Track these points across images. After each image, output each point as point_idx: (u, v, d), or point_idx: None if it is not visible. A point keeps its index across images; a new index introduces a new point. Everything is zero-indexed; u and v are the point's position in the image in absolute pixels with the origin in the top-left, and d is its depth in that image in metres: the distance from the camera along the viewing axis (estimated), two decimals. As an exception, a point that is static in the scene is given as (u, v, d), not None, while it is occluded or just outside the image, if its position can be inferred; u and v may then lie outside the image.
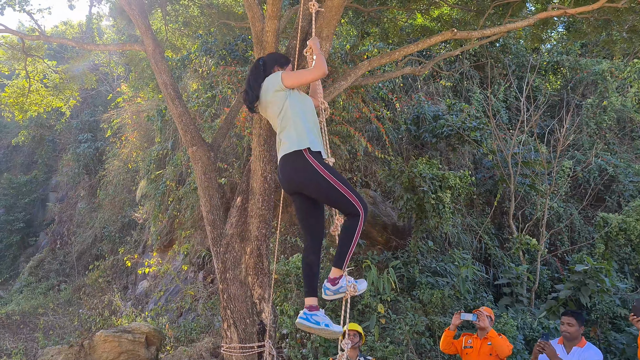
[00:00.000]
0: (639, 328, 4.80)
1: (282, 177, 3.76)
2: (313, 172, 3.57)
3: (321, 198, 3.71)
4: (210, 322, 10.37)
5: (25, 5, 9.24)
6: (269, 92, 3.81)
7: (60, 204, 23.76)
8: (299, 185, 3.67)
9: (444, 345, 6.07)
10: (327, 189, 3.57)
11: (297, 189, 3.71)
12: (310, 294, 3.73)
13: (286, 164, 3.66)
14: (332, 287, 3.61)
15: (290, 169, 3.63)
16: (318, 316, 3.60)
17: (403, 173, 9.85)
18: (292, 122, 3.69)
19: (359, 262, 10.04)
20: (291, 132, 3.66)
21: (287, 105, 3.72)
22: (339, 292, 3.63)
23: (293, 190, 3.77)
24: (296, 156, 3.60)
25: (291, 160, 3.62)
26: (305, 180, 3.60)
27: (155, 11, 10.59)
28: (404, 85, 14.07)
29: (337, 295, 3.65)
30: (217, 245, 5.86)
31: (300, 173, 3.60)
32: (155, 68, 6.76)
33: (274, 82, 3.80)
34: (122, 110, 17.98)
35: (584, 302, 9.07)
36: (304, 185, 3.64)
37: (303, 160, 3.59)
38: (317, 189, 3.60)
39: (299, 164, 3.60)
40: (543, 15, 6.53)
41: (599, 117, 15.32)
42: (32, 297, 17.28)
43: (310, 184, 3.60)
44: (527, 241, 10.30)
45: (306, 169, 3.58)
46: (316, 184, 3.58)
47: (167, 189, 13.35)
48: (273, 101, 3.78)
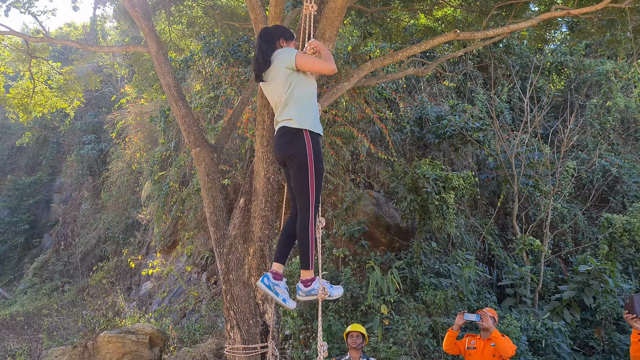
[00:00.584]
0: (632, 325, 4.73)
1: (276, 145, 3.84)
2: (302, 151, 3.64)
3: (293, 177, 3.74)
4: (213, 323, 10.38)
5: (30, 6, 9.28)
6: (280, 65, 3.78)
7: (64, 205, 23.84)
8: (286, 157, 3.73)
9: (447, 346, 6.07)
10: (302, 172, 3.64)
11: (285, 160, 3.78)
12: (279, 260, 3.86)
13: (284, 136, 3.72)
14: (304, 289, 3.65)
15: (285, 141, 3.70)
16: (279, 287, 3.74)
17: (406, 174, 9.84)
18: (299, 100, 3.75)
19: (362, 263, 10.03)
20: (296, 109, 3.72)
21: (295, 84, 3.76)
22: (311, 294, 3.66)
23: (282, 161, 3.85)
24: (296, 132, 3.68)
25: (290, 133, 3.68)
26: (293, 155, 3.67)
27: (158, 12, 10.62)
28: (407, 86, 14.07)
29: (309, 297, 3.69)
30: (220, 247, 5.88)
31: (291, 147, 3.66)
32: (158, 69, 6.78)
33: (287, 58, 3.77)
34: (125, 112, 18.04)
35: (588, 303, 9.04)
36: (289, 159, 3.70)
37: (300, 137, 3.67)
38: (296, 166, 3.67)
39: (296, 139, 3.67)
40: (547, 15, 6.52)
41: (602, 118, 15.27)
42: (36, 298, 17.34)
43: (294, 159, 3.67)
44: (531, 242, 10.28)
45: (299, 145, 3.65)
46: (297, 162, 3.65)
47: (170, 190, 13.38)
48: (282, 76, 3.78)
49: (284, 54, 3.79)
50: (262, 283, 3.73)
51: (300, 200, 3.69)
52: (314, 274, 3.72)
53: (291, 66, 3.73)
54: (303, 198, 3.66)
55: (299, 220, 3.67)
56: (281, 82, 3.76)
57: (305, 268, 3.66)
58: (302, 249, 3.63)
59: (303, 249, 3.62)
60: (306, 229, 3.61)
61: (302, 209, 3.68)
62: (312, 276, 3.68)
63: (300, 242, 3.64)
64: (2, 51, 10.34)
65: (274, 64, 3.81)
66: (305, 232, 3.61)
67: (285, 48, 3.90)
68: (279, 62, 3.79)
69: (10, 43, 10.12)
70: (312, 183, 3.63)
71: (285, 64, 3.74)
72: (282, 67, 3.75)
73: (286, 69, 3.74)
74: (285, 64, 3.74)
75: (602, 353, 8.92)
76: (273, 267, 3.84)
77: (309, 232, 3.61)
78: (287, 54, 3.78)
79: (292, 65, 3.73)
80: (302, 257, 3.65)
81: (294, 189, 3.74)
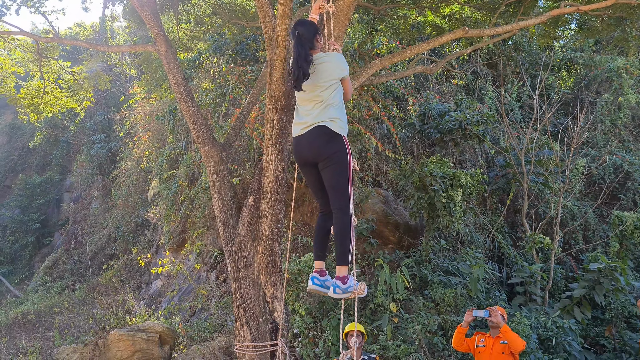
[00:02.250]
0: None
1: (307, 145, 3.81)
2: (344, 153, 3.72)
3: (331, 177, 3.76)
4: (223, 321, 10.42)
5: (40, 6, 9.35)
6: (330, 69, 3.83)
7: (75, 205, 24.02)
8: (322, 156, 3.75)
9: (456, 343, 6.06)
10: (342, 173, 3.70)
11: (318, 159, 3.79)
12: (320, 258, 3.94)
13: (322, 135, 3.74)
14: (343, 286, 3.66)
15: (324, 141, 3.73)
16: (328, 281, 3.80)
17: (414, 172, 9.82)
18: (341, 105, 3.85)
19: (370, 261, 10.03)
20: (339, 113, 3.80)
21: (338, 89, 3.87)
22: (347, 292, 3.68)
23: (312, 160, 3.85)
24: (336, 135, 3.75)
25: (330, 134, 3.73)
26: (332, 155, 3.71)
27: (167, 11, 10.66)
28: (416, 84, 14.03)
29: (345, 295, 3.69)
30: (229, 245, 5.89)
31: (331, 147, 3.71)
32: (167, 69, 6.81)
33: (341, 66, 3.86)
34: (134, 111, 18.13)
35: (599, 301, 8.99)
36: (329, 159, 3.73)
37: (340, 140, 3.75)
38: (335, 167, 3.71)
39: (336, 141, 3.74)
40: (556, 12, 6.48)
41: (613, 115, 15.14)
42: (47, 296, 17.49)
43: (333, 159, 3.71)
44: (541, 240, 10.23)
45: (339, 147, 3.73)
46: (337, 163, 3.71)
47: (179, 188, 13.44)
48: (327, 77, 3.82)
49: (339, 63, 3.86)
50: (314, 285, 3.79)
51: (338, 199, 3.73)
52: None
53: (341, 76, 3.86)
54: (342, 198, 3.71)
55: (339, 219, 3.71)
56: (326, 83, 3.80)
57: (344, 264, 3.69)
58: (342, 248, 3.66)
59: (343, 247, 3.66)
60: (347, 228, 3.66)
61: (341, 207, 3.72)
62: (346, 273, 3.71)
63: (341, 241, 3.67)
64: (13, 51, 10.42)
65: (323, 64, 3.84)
66: (347, 231, 3.66)
67: (339, 55, 3.93)
68: (329, 66, 3.84)
69: (20, 43, 10.20)
70: (350, 184, 3.73)
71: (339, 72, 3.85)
72: (332, 71, 3.82)
73: (338, 75, 3.84)
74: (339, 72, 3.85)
75: (613, 351, 8.87)
76: (316, 266, 3.92)
77: (350, 231, 3.66)
78: (342, 65, 3.87)
79: (343, 76, 3.87)
80: (342, 254, 3.67)
81: (332, 188, 3.76)
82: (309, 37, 3.92)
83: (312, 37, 3.94)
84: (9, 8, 8.76)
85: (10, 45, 10.09)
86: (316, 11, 4.34)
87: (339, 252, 3.68)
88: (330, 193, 3.79)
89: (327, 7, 4.26)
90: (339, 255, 3.69)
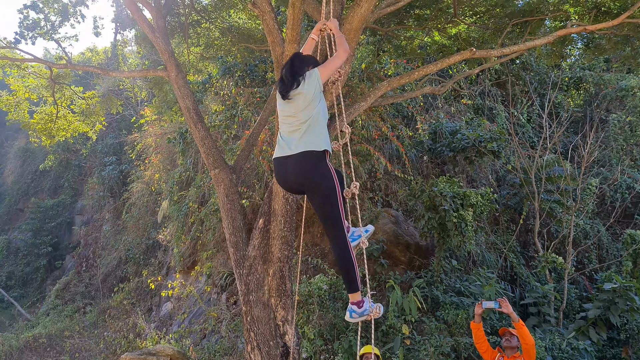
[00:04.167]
0: None
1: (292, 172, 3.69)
2: (329, 177, 3.60)
3: (323, 209, 3.67)
4: (233, 344, 10.35)
5: (54, 33, 9.55)
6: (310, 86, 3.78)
7: (86, 227, 24.16)
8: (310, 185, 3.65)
9: (476, 339, 5.97)
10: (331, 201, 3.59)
11: (303, 187, 3.70)
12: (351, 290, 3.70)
13: (306, 160, 3.63)
14: (358, 310, 3.61)
15: (309, 165, 3.61)
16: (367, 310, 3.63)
17: (424, 192, 9.80)
18: (319, 125, 3.73)
19: (381, 282, 9.95)
20: (316, 132, 3.69)
21: (318, 109, 3.76)
22: (364, 315, 3.63)
23: (298, 188, 3.77)
24: (320, 156, 3.63)
25: (314, 158, 3.62)
26: (321, 185, 3.60)
27: (177, 34, 10.84)
28: (425, 104, 14.07)
29: (362, 318, 3.65)
30: (240, 267, 5.89)
31: (316, 175, 3.61)
32: (178, 93, 6.90)
33: (317, 82, 3.79)
34: (145, 133, 18.31)
35: (614, 322, 8.84)
36: (317, 189, 3.63)
37: (324, 164, 3.63)
38: (325, 199, 3.61)
39: (320, 166, 3.62)
40: (563, 32, 6.51)
41: (626, 134, 15.06)
42: (59, 319, 17.50)
43: (319, 188, 3.61)
44: (554, 259, 10.12)
45: (324, 173, 3.61)
46: (324, 191, 3.60)
47: (189, 210, 13.48)
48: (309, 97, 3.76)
49: (315, 78, 3.79)
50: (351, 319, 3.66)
51: (332, 231, 3.64)
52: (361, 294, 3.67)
53: (320, 89, 3.77)
54: (335, 229, 3.62)
55: (338, 254, 3.62)
56: (307, 102, 3.74)
57: (354, 291, 3.61)
58: (348, 278, 3.59)
59: (349, 277, 3.58)
60: (349, 260, 3.56)
61: (334, 235, 3.63)
62: (360, 298, 3.63)
63: (345, 273, 3.60)
64: (27, 79, 10.61)
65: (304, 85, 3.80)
66: (349, 263, 3.57)
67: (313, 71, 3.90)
68: (309, 83, 3.78)
69: (34, 70, 10.39)
70: (342, 210, 3.61)
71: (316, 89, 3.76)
72: (313, 92, 3.76)
73: (316, 93, 3.76)
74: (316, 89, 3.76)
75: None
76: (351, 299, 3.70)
77: (352, 262, 3.56)
78: (313, 74, 3.80)
79: (321, 88, 3.77)
80: (350, 284, 3.61)
81: (325, 220, 3.68)
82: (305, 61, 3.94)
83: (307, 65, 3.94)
84: (25, 37, 8.95)
85: (24, 72, 10.28)
86: (316, 32, 4.39)
87: (347, 283, 3.63)
88: (324, 224, 3.72)
89: (328, 29, 4.32)
90: (347, 285, 3.66)
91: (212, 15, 10.71)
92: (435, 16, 9.25)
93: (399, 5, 6.72)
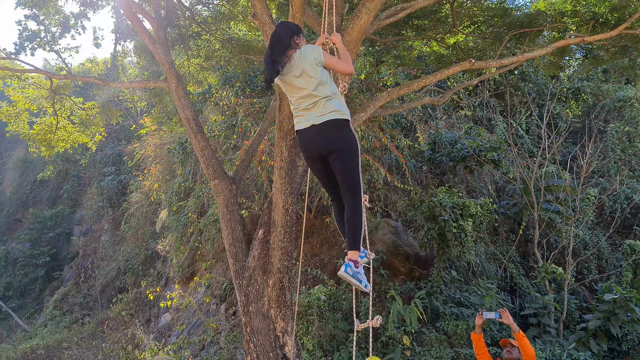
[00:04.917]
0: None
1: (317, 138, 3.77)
2: (354, 142, 3.73)
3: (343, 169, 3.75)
4: (233, 355, 10.29)
5: (54, 44, 9.59)
6: (307, 62, 3.76)
7: (85, 238, 24.08)
8: (333, 148, 3.73)
9: (476, 350, 5.94)
10: (354, 164, 3.72)
11: (329, 151, 3.77)
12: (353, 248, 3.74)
13: (333, 128, 3.72)
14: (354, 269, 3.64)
15: (335, 134, 3.72)
16: (361, 274, 3.68)
17: (423, 202, 9.80)
18: (333, 93, 3.80)
19: (381, 293, 9.92)
20: (334, 101, 3.77)
21: (325, 79, 3.80)
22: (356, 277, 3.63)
23: (324, 153, 3.82)
24: (344, 123, 3.74)
25: (340, 126, 3.73)
26: (343, 147, 3.71)
27: (178, 46, 10.88)
28: (424, 115, 14.11)
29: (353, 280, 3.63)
30: (239, 278, 5.87)
31: (342, 140, 3.72)
32: (178, 104, 6.92)
33: (314, 55, 3.78)
34: (145, 144, 18.32)
35: (615, 333, 8.81)
36: (337, 151, 3.72)
37: (348, 129, 3.75)
38: (346, 157, 3.71)
39: (344, 131, 3.73)
40: (561, 43, 6.55)
41: (624, 144, 15.09)
42: (57, 330, 17.39)
43: (344, 150, 3.71)
44: (553, 270, 10.10)
45: (349, 137, 3.73)
46: (348, 153, 3.71)
47: (188, 221, 13.46)
48: (312, 70, 3.76)
49: (310, 51, 3.79)
50: (345, 273, 3.65)
51: (350, 186, 3.73)
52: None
53: (320, 62, 3.78)
54: (354, 184, 3.72)
55: (351, 205, 3.71)
56: (315, 76, 3.76)
57: (356, 250, 3.66)
58: (355, 235, 3.66)
59: (356, 235, 3.65)
60: (360, 218, 3.66)
61: (352, 194, 3.72)
62: (359, 259, 3.68)
63: (354, 229, 3.66)
64: (27, 89, 10.63)
65: (300, 59, 3.79)
66: (359, 221, 3.66)
67: (308, 44, 3.91)
68: (306, 57, 3.78)
69: (34, 81, 10.42)
70: (359, 170, 3.75)
71: (315, 60, 3.77)
72: (312, 62, 3.76)
73: (316, 65, 3.77)
74: (315, 60, 3.77)
75: (632, 385, 8.65)
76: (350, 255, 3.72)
77: (362, 221, 3.66)
78: (314, 51, 3.79)
79: (322, 62, 3.79)
80: (354, 242, 3.66)
81: (345, 180, 3.75)
82: (286, 37, 3.91)
83: (290, 37, 3.92)
84: (25, 48, 8.98)
85: (24, 83, 10.31)
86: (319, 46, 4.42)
87: (352, 240, 3.67)
88: (343, 184, 3.78)
89: (330, 42, 4.33)
90: (351, 242, 3.69)
91: (212, 27, 10.76)
92: (434, 26, 9.31)
93: (399, 17, 6.76)
